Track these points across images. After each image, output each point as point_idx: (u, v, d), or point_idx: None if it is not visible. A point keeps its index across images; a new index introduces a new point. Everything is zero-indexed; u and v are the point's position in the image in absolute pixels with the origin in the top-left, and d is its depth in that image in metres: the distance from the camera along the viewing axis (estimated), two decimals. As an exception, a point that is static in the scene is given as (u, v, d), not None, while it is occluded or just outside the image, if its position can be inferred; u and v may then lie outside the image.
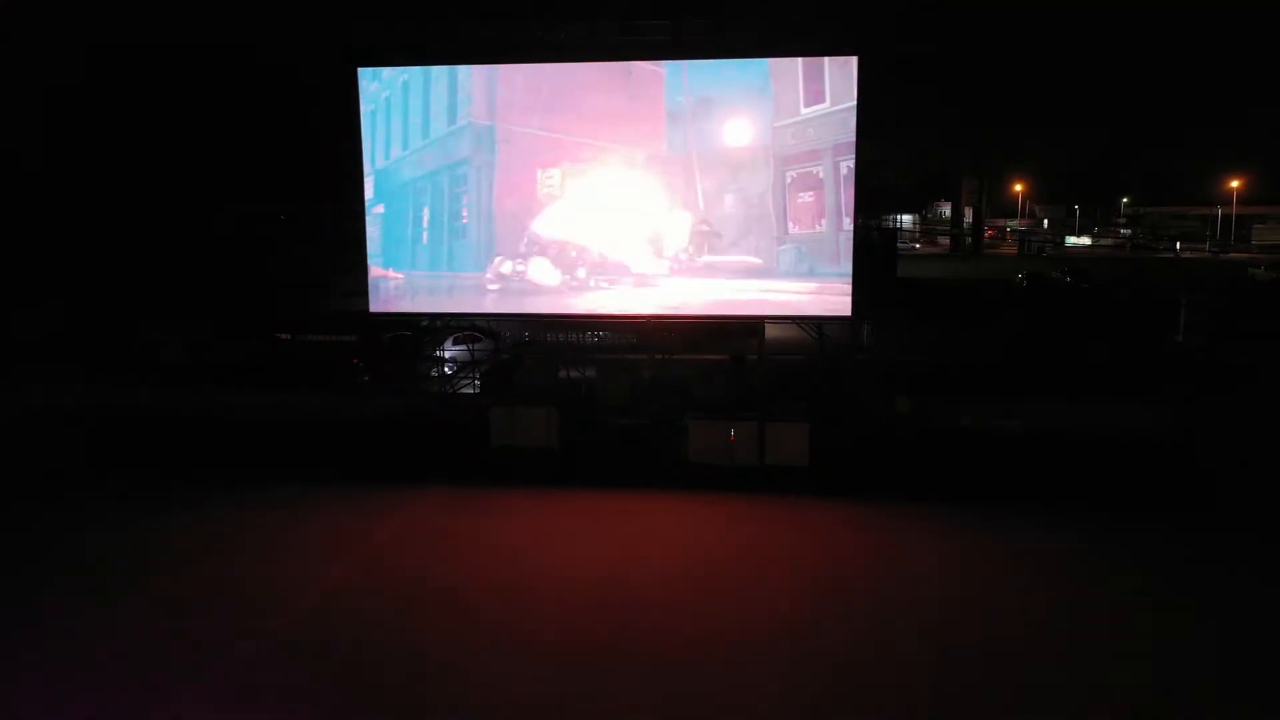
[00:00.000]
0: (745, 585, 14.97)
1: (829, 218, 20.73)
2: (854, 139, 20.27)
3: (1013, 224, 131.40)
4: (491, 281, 22.11)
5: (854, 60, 20.00)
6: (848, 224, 20.75)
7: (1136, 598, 14.53)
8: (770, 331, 33.78)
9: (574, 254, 21.83)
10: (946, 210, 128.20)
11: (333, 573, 15.42)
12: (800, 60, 20.31)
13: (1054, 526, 17.66)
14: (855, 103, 20.13)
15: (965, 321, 44.45)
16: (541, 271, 22.09)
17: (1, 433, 24.79)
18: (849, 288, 20.99)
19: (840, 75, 20.23)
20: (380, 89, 21.60)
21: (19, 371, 29.27)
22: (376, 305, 22.46)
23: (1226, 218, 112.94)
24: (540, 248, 21.87)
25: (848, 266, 20.96)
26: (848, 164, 20.42)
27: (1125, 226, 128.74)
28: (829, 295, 21.16)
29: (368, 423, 24.77)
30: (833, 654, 12.53)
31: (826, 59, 20.22)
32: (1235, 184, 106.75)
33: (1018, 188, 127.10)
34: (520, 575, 15.35)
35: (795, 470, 21.08)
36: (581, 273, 21.87)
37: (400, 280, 22.40)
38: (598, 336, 30.55)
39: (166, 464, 21.95)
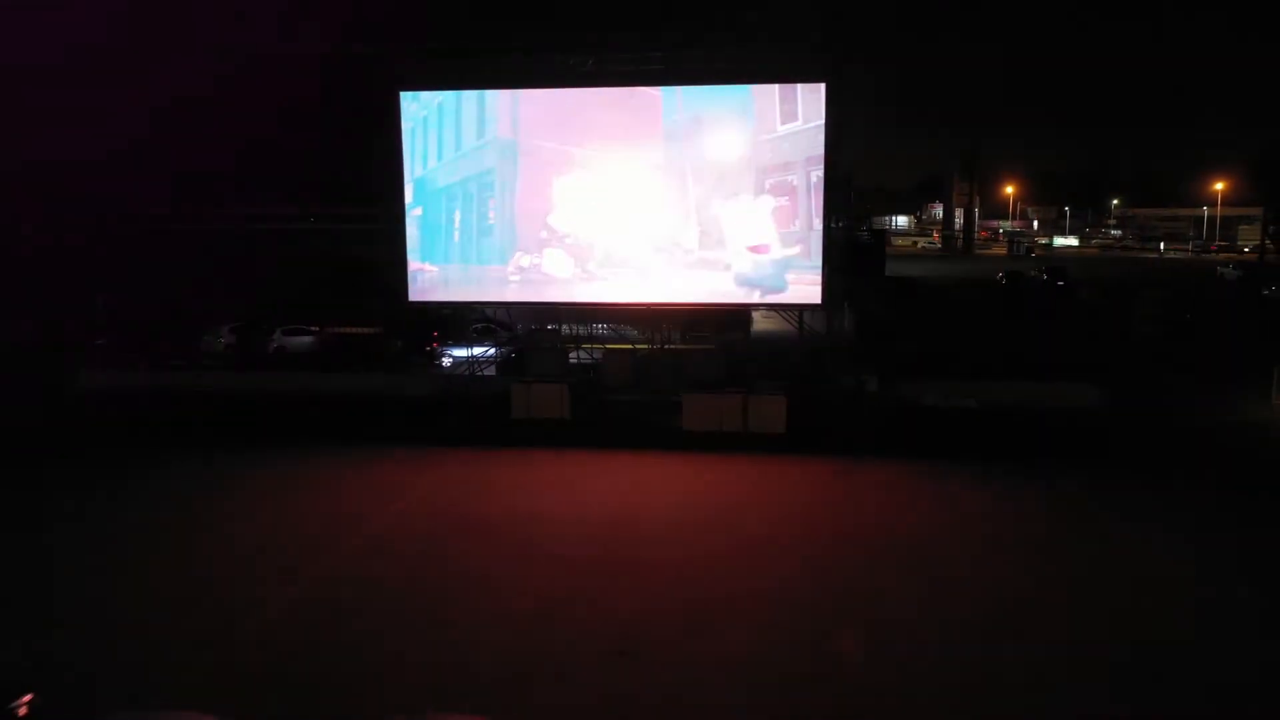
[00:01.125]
0: (723, 519, 18.62)
1: (801, 219, 24.41)
2: (823, 152, 23.92)
3: (1006, 225, 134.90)
4: (513, 274, 25.84)
5: (823, 86, 23.68)
6: (818, 224, 24.41)
7: (1032, 512, 18.18)
8: (761, 325, 37.79)
9: (583, 250, 25.55)
10: (940, 212, 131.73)
11: (395, 506, 19.13)
12: (776, 86, 24.01)
13: (989, 475, 21.29)
14: (824, 121, 23.79)
15: (942, 315, 48.21)
16: (555, 264, 25.80)
17: (102, 407, 28.51)
18: (819, 279, 24.65)
19: (812, 99, 23.92)
20: (419, 109, 25.33)
21: (103, 358, 33.10)
22: (414, 295, 26.20)
23: (1213, 219, 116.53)
24: (555, 244, 25.59)
25: (819, 261, 24.62)
26: (818, 173, 24.10)
27: (1116, 227, 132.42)
28: (803, 286, 24.84)
29: (406, 399, 28.58)
30: (785, 566, 16.14)
31: (800, 85, 23.91)
32: (1220, 186, 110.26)
33: (1009, 190, 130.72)
34: (541, 510, 19.01)
35: (775, 436, 24.74)
36: (590, 266, 25.58)
37: (435, 273, 26.15)
38: (604, 328, 34.38)
39: (239, 432, 25.62)
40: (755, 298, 25.68)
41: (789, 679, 11.96)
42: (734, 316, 34.79)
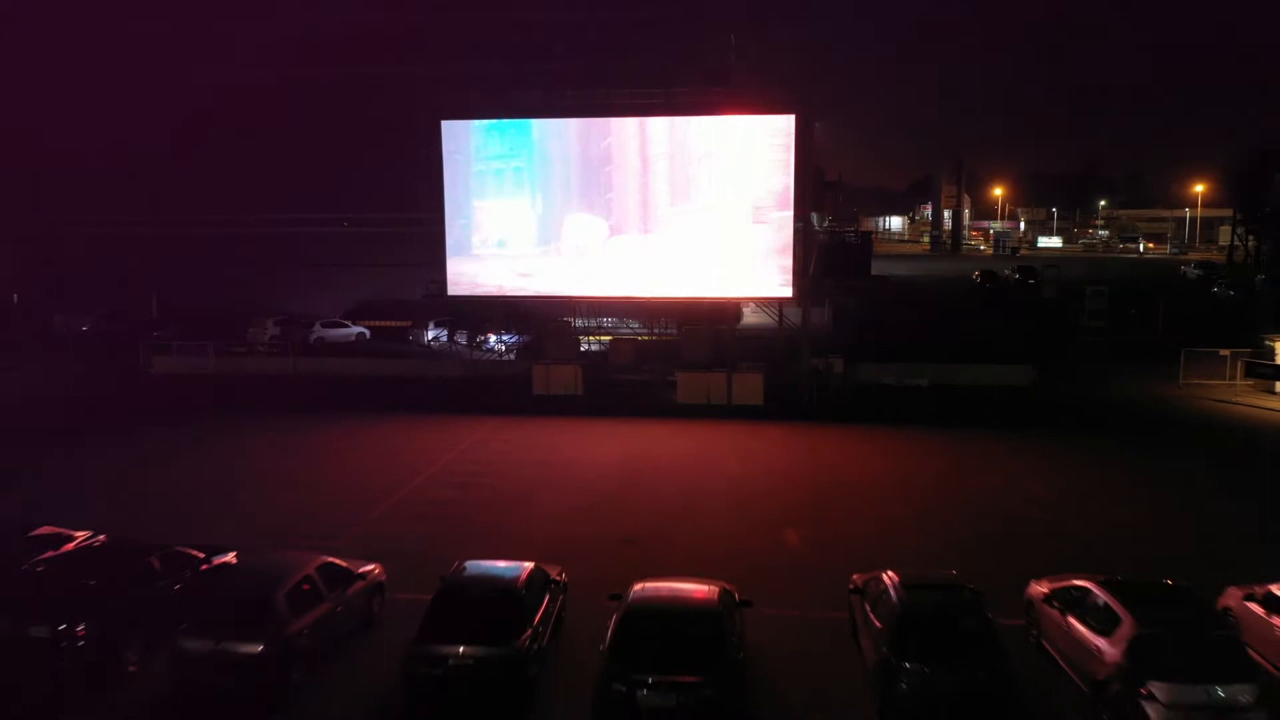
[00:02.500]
0: (707, 463, 23.91)
1: (776, 226, 29.73)
2: (793, 172, 29.24)
3: (997, 226, 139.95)
4: (534, 271, 31.16)
5: (793, 117, 29.02)
6: (789, 231, 29.74)
7: (947, 455, 23.44)
8: (749, 319, 43.32)
9: (594, 250, 30.87)
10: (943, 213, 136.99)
11: (444, 457, 24.41)
12: (758, 117, 29.36)
13: (922, 434, 26.59)
14: (794, 145, 29.12)
15: (914, 308, 53.49)
16: (569, 263, 31.13)
17: (185, 387, 33.89)
18: (790, 277, 29.99)
19: (786, 125, 29.25)
20: (460, 130, 30.67)
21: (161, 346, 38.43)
22: (452, 290, 31.53)
23: (1194, 220, 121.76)
24: (570, 245, 30.92)
25: (790, 261, 29.95)
26: (789, 186, 29.42)
27: (1104, 228, 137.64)
28: (776, 284, 30.17)
29: (441, 379, 33.93)
30: (752, 492, 21.41)
31: (777, 116, 29.26)
32: (1200, 189, 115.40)
33: (998, 192, 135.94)
34: (563, 458, 24.31)
35: (754, 406, 30.04)
36: (599, 263, 30.90)
37: (469, 270, 31.47)
38: (610, 322, 39.92)
39: (305, 404, 30.90)
40: (732, 293, 31.01)
41: (752, 557, 17.22)
42: (724, 310, 40.17)
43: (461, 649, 11.71)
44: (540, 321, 38.16)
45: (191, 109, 49.74)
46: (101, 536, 15.08)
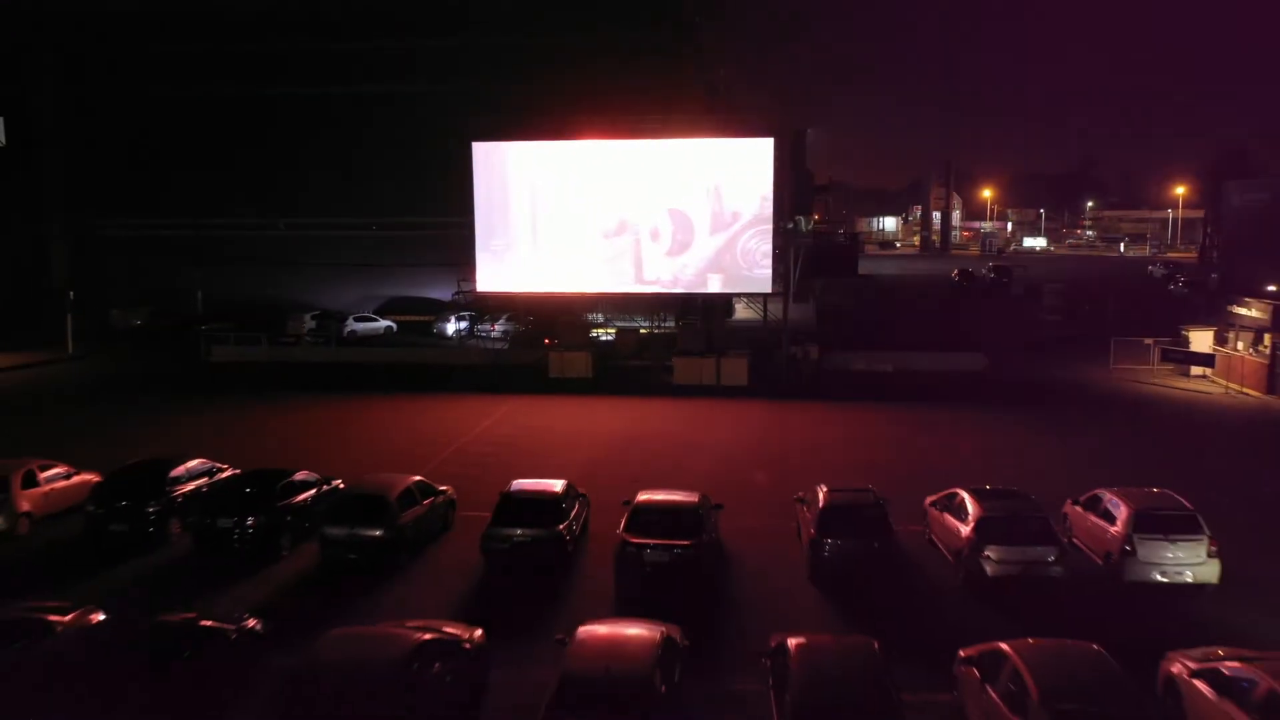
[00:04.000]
0: (698, 430, 29.44)
1: (759, 231, 35.31)
2: (772, 185, 34.83)
3: (987, 226, 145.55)
4: (551, 271, 36.74)
5: (771, 141, 34.63)
6: (769, 234, 35.33)
7: (899, 424, 28.92)
8: (741, 314, 49.08)
9: (603, 253, 36.45)
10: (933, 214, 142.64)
11: (479, 425, 29.93)
12: (741, 140, 34.97)
13: (884, 408, 32.11)
14: (772, 160, 34.72)
15: (893, 303, 59.09)
16: (581, 264, 36.70)
17: (243, 372, 39.48)
18: (770, 274, 35.60)
19: (766, 146, 34.84)
20: (492, 150, 36.27)
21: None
22: (481, 288, 37.12)
23: (1175, 221, 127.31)
24: (582, 249, 36.50)
25: (769, 261, 35.55)
26: (769, 197, 35.01)
27: (1091, 228, 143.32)
28: (758, 280, 35.80)
29: (467, 366, 39.50)
30: (733, 448, 26.93)
31: (757, 139, 34.86)
32: (1181, 190, 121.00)
33: (987, 193, 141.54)
34: (579, 426, 29.83)
35: (740, 387, 35.59)
36: (607, 264, 36.47)
37: (494, 270, 37.06)
38: (614, 318, 45.56)
39: (349, 385, 36.43)
40: (722, 289, 36.63)
41: (729, 488, 22.67)
42: (716, 304, 45.84)
43: (520, 531, 17.25)
44: (554, 315, 43.78)
45: (232, 120, 55.20)
46: (237, 470, 20.72)
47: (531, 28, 47.37)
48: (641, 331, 44.52)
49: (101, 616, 13.65)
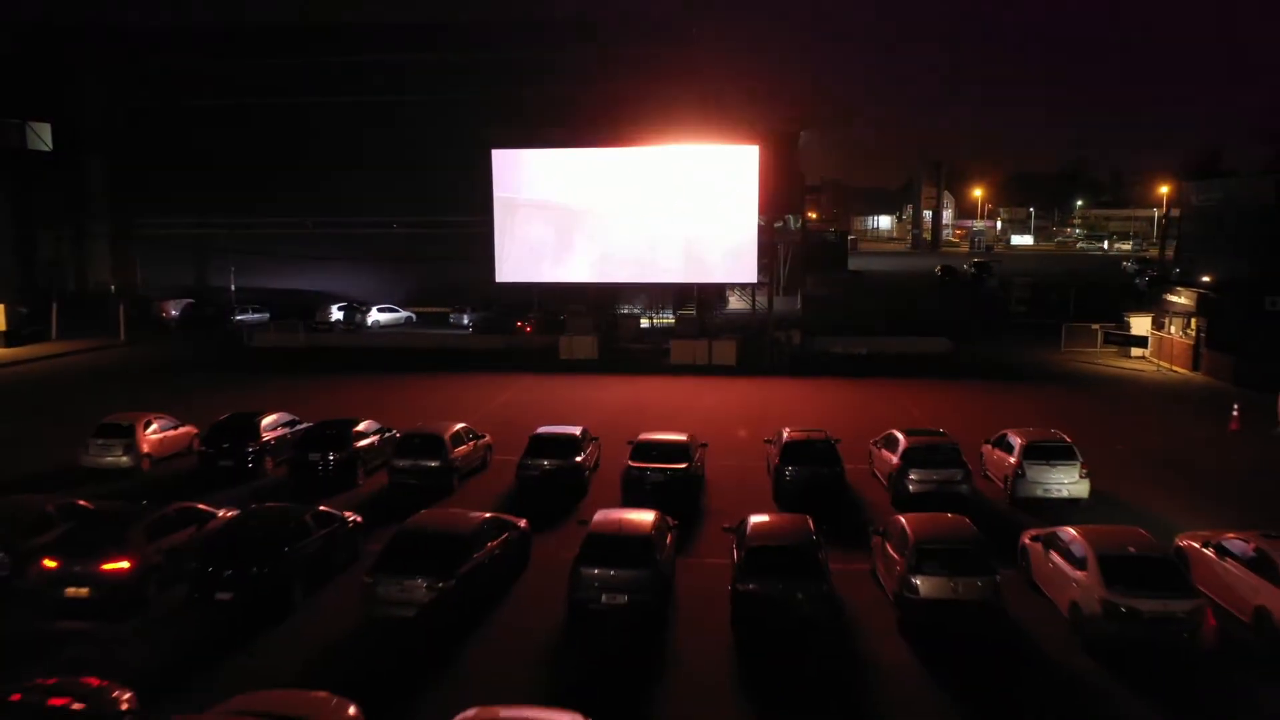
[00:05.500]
0: (690, 399, 34.43)
1: (745, 227, 40.35)
2: (757, 187, 39.85)
3: (979, 224, 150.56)
4: (561, 264, 41.77)
5: (756, 147, 39.64)
6: (753, 230, 40.35)
7: (866, 394, 33.87)
8: (734, 305, 54.18)
9: (608, 245, 41.47)
10: (924, 213, 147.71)
11: (500, 397, 34.93)
12: (729, 146, 40.01)
13: (854, 383, 37.11)
14: (758, 165, 39.73)
15: (875, 295, 64.13)
16: (587, 255, 41.71)
17: (284, 355, 44.46)
18: (755, 267, 40.65)
19: (752, 152, 39.85)
20: (509, 156, 41.31)
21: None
22: (500, 278, 42.18)
23: (1160, 219, 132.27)
24: (589, 244, 41.53)
25: (754, 255, 40.58)
26: (753, 198, 40.03)
27: (1079, 227, 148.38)
28: (745, 270, 40.85)
29: (484, 350, 44.53)
30: (721, 411, 31.91)
31: (744, 145, 39.89)
32: (1164, 189, 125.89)
33: (977, 193, 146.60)
34: (588, 397, 34.83)
35: (728, 367, 40.61)
36: (611, 255, 41.48)
37: (510, 265, 42.08)
38: (622, 308, 50.56)
39: (379, 366, 41.42)
40: (713, 279, 41.64)
41: (714, 439, 27.63)
42: (709, 293, 50.89)
43: (546, 462, 22.26)
44: (560, 304, 48.80)
45: (262, 128, 60.21)
46: (308, 423, 25.72)
47: (542, 44, 52.63)
48: (641, 321, 49.55)
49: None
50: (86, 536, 16.21)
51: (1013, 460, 21.95)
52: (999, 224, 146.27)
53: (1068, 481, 21.35)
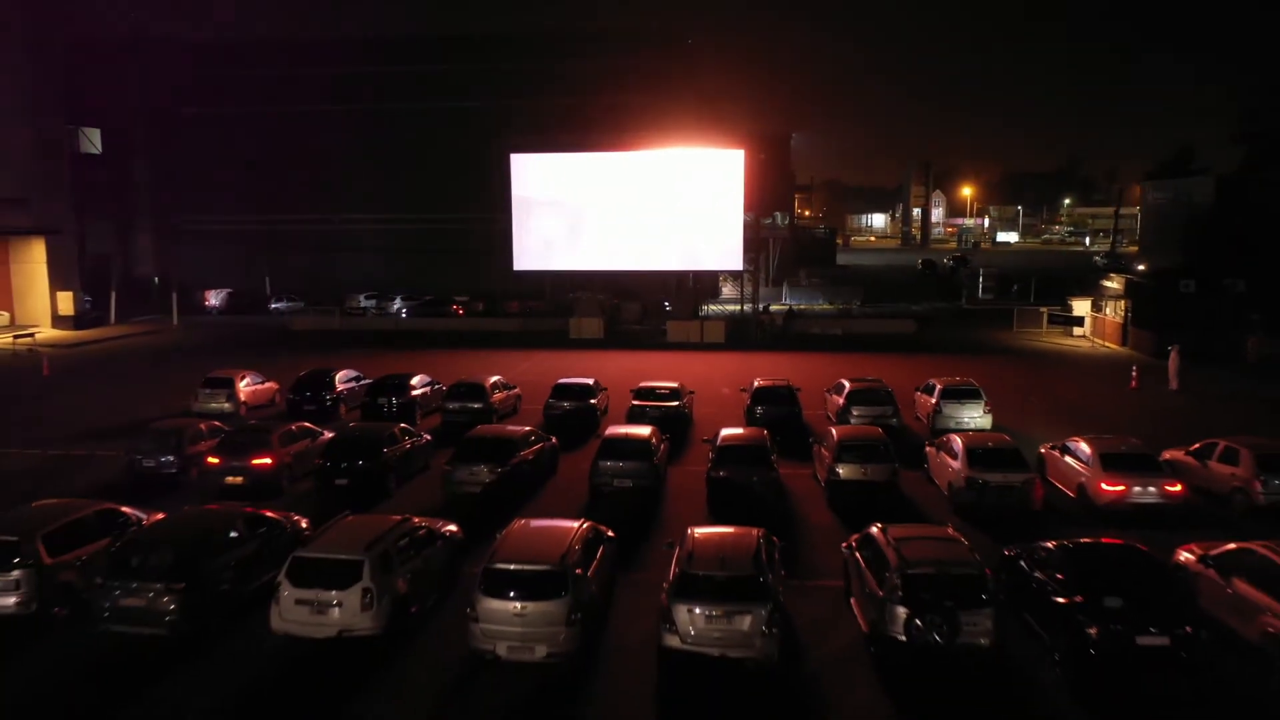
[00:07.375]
0: (684, 369, 40.70)
1: (732, 221, 46.71)
2: (742, 185, 46.19)
3: (969, 223, 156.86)
4: (570, 254, 48.15)
5: (742, 151, 45.98)
6: (739, 224, 46.71)
7: (839, 364, 40.12)
8: (727, 294, 60.76)
9: (612, 238, 47.83)
10: (914, 211, 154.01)
11: (519, 367, 41.24)
12: (718, 150, 46.39)
13: (825, 355, 43.39)
14: (743, 166, 46.07)
15: (864, 286, 70.36)
16: (593, 246, 48.06)
17: (322, 336, 50.78)
18: (741, 256, 47.01)
19: (738, 155, 46.19)
20: (525, 160, 47.68)
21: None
22: (517, 266, 48.58)
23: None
24: (593, 235, 47.90)
25: (739, 246, 46.94)
26: (739, 195, 46.37)
27: (1064, 225, 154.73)
28: (732, 259, 47.23)
29: (499, 332, 50.89)
30: (709, 378, 38.19)
31: (730, 150, 46.24)
32: (1139, 189, 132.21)
33: (966, 192, 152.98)
34: (596, 367, 41.08)
35: (718, 344, 46.92)
36: (614, 246, 47.84)
37: (528, 254, 48.47)
38: (620, 300, 56.91)
39: (411, 344, 47.72)
40: (704, 266, 47.98)
41: (702, 395, 33.93)
42: (703, 281, 57.30)
43: (567, 404, 28.60)
44: (567, 289, 55.11)
45: (293, 130, 66.53)
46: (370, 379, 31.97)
47: (551, 54, 59.05)
48: (641, 306, 55.95)
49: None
50: (241, 439, 22.53)
51: (933, 400, 28.27)
52: (986, 221, 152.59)
53: (975, 416, 27.67)
